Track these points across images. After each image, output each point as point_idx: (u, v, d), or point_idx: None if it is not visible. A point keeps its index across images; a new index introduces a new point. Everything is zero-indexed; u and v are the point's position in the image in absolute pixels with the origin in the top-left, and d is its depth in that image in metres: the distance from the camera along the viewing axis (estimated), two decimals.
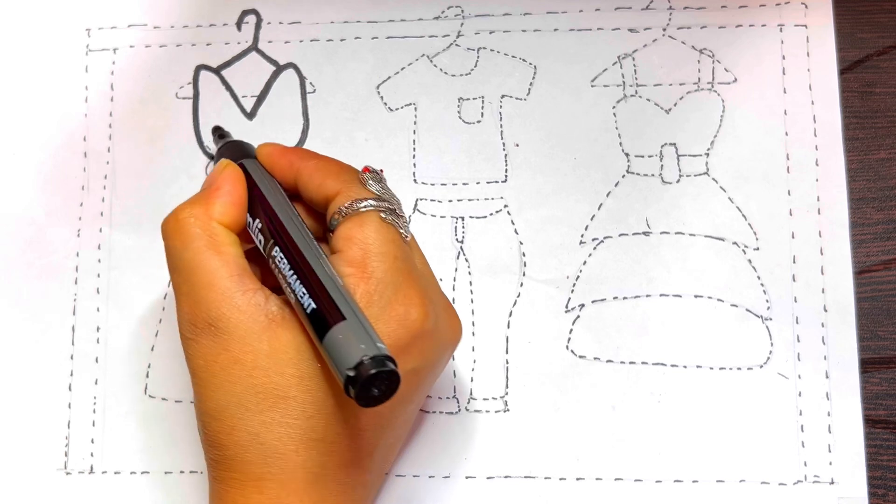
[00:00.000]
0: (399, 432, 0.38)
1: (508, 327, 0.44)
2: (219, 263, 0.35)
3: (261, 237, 0.36)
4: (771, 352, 0.43)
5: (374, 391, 0.31)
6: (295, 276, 0.34)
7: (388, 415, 0.35)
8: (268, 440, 0.33)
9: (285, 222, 0.36)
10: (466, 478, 0.43)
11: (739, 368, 0.43)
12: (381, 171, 0.38)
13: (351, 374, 0.30)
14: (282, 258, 0.35)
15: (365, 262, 0.34)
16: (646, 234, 0.44)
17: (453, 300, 0.44)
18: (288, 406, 0.33)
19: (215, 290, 0.34)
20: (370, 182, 0.37)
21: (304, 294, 0.33)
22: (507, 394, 0.43)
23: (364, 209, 0.35)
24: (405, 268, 0.35)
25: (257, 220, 0.37)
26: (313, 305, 0.33)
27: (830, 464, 0.41)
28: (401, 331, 0.34)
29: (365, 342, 0.31)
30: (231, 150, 0.41)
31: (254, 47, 0.47)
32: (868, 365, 0.43)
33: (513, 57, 0.46)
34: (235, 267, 0.35)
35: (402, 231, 0.36)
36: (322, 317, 0.32)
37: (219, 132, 0.45)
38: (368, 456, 0.35)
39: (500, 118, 0.46)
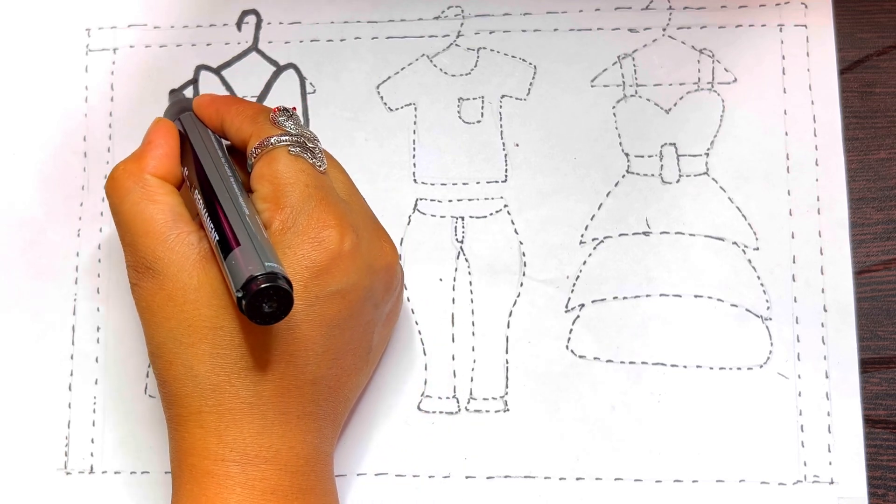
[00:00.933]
0: (344, 364, 0.37)
1: (508, 327, 0.44)
2: (154, 210, 0.37)
3: (189, 184, 0.38)
4: (771, 352, 0.43)
5: (265, 307, 0.32)
6: (206, 213, 0.36)
7: (320, 339, 0.35)
8: (201, 372, 0.35)
9: (205, 165, 0.38)
10: (466, 478, 0.43)
11: (739, 368, 0.43)
12: (293, 108, 0.40)
13: (239, 294, 0.32)
14: (199, 198, 0.37)
15: (276, 195, 0.36)
16: (646, 234, 0.44)
17: (453, 300, 0.44)
18: (217, 336, 0.35)
19: (150, 235, 0.36)
20: (280, 120, 0.38)
21: (211, 228, 0.35)
22: (507, 394, 0.43)
23: (273, 146, 0.37)
24: (317, 194, 0.36)
25: (186, 170, 0.39)
26: (216, 236, 0.35)
27: (830, 464, 0.41)
28: (314, 253, 0.35)
29: (253, 263, 0.32)
30: (174, 107, 0.43)
31: (254, 47, 0.47)
32: (868, 365, 0.43)
33: (513, 57, 0.46)
34: (170, 213, 0.37)
35: (312, 161, 0.37)
36: (224, 245, 0.34)
37: (174, 93, 0.46)
38: (309, 384, 0.36)
39: (500, 118, 0.46)
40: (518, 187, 0.45)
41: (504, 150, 0.45)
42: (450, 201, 0.45)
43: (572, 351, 0.43)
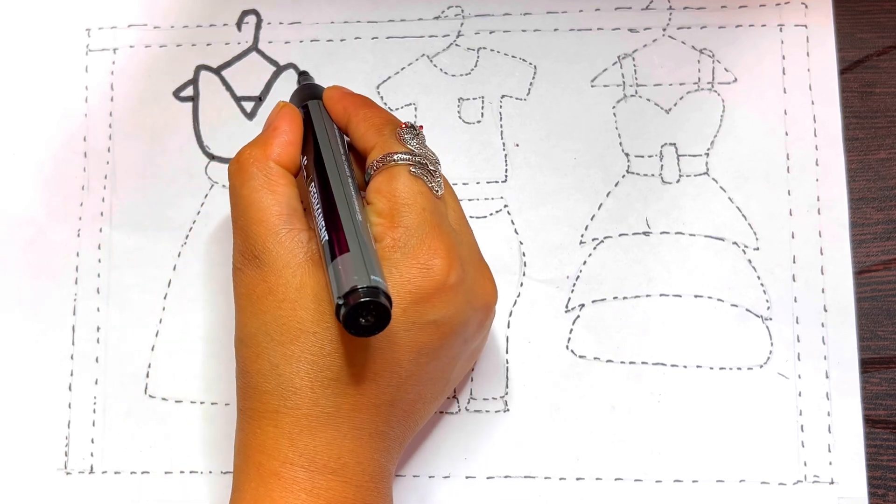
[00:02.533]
0: (423, 391, 0.37)
1: (508, 327, 0.44)
2: (271, 202, 0.36)
3: (305, 174, 0.38)
4: (771, 352, 0.43)
5: (362, 320, 0.31)
6: (320, 210, 0.36)
7: (407, 364, 0.35)
8: (286, 372, 0.34)
9: (326, 161, 0.37)
10: (466, 478, 0.43)
11: (739, 368, 0.43)
12: (421, 127, 0.39)
13: (340, 301, 0.32)
14: (314, 193, 0.37)
15: (392, 213, 0.36)
16: (646, 234, 0.44)
17: None
18: (308, 341, 0.34)
19: (264, 225, 0.36)
20: (406, 137, 0.38)
21: (321, 227, 0.35)
22: (507, 394, 0.43)
23: (393, 163, 0.37)
24: (432, 220, 0.36)
25: (305, 158, 0.38)
26: (326, 237, 0.34)
27: (830, 464, 0.41)
28: (420, 279, 0.35)
29: (359, 273, 0.32)
30: (302, 91, 0.42)
31: (254, 47, 0.47)
32: (868, 365, 0.43)
33: (513, 57, 0.46)
34: (286, 206, 0.37)
35: (431, 185, 0.37)
36: (332, 248, 0.34)
37: (303, 76, 0.46)
38: (386, 405, 0.36)
39: (500, 118, 0.46)
40: (518, 187, 0.45)
41: (504, 150, 0.45)
42: None
43: (572, 351, 0.43)
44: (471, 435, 0.43)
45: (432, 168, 0.37)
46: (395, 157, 0.37)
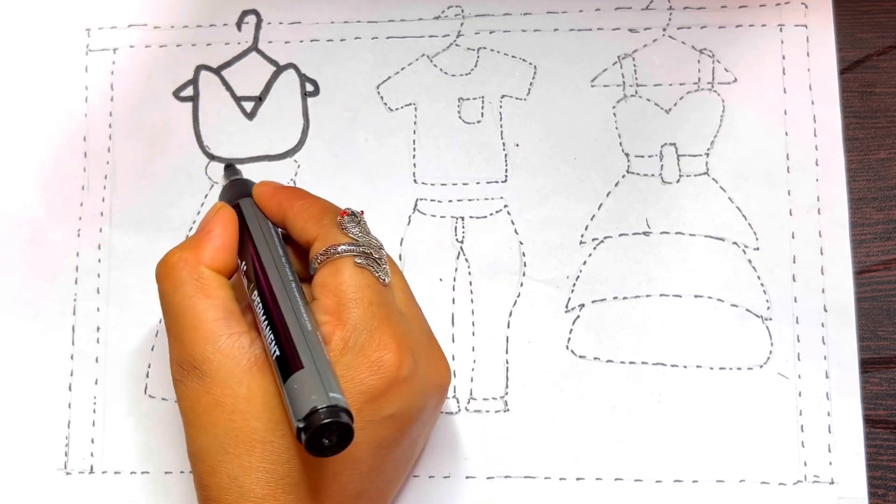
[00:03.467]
0: (387, 477, 0.37)
1: (508, 327, 0.44)
2: (205, 306, 0.35)
3: (245, 280, 0.37)
4: (771, 352, 0.43)
5: (325, 441, 0.31)
6: (266, 322, 0.34)
7: (368, 459, 0.35)
8: (246, 484, 0.34)
9: (266, 266, 0.36)
10: (466, 478, 0.43)
11: (739, 368, 0.43)
12: (362, 212, 0.38)
13: (300, 425, 0.31)
14: (258, 303, 0.35)
15: (339, 310, 0.35)
16: (646, 234, 0.44)
17: (453, 300, 0.44)
18: (265, 451, 0.34)
19: (200, 332, 0.35)
20: (347, 226, 0.37)
21: (271, 341, 0.34)
22: (507, 394, 0.43)
23: (339, 255, 0.36)
24: (380, 313, 0.35)
25: (243, 263, 0.37)
26: (277, 352, 0.33)
27: (830, 464, 0.41)
28: (373, 378, 0.34)
29: (317, 392, 0.31)
30: (232, 189, 0.41)
31: (254, 47, 0.47)
32: (868, 365, 0.43)
33: (513, 57, 0.46)
34: (222, 310, 0.35)
35: (377, 275, 0.36)
36: (284, 364, 0.33)
37: (230, 170, 0.45)
38: (351, 499, 0.35)
39: (500, 118, 0.46)
40: (518, 187, 0.45)
41: (504, 150, 0.45)
42: (450, 201, 0.45)
43: (572, 351, 0.43)
44: (471, 435, 0.43)
45: (377, 256, 0.36)
46: (339, 248, 0.36)
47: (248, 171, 0.46)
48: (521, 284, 0.44)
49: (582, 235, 0.44)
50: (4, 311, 0.45)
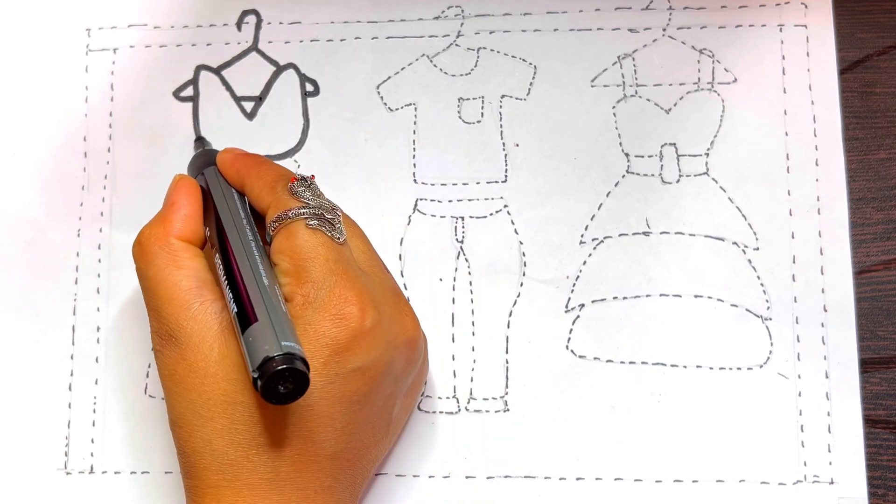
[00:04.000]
0: (363, 436, 0.37)
1: (508, 327, 0.44)
2: (178, 277, 0.36)
3: (210, 245, 0.38)
4: (771, 352, 0.43)
5: (281, 388, 0.31)
6: (226, 282, 0.35)
7: (340, 416, 0.35)
8: (219, 446, 0.34)
9: (227, 229, 0.37)
10: (466, 478, 0.43)
11: (739, 368, 0.43)
12: (312, 176, 0.39)
13: (255, 374, 0.31)
14: (220, 265, 0.36)
15: (297, 271, 0.35)
16: (646, 234, 0.44)
17: (453, 300, 0.44)
18: (235, 412, 0.34)
19: (174, 302, 0.36)
20: (298, 190, 0.38)
21: (230, 299, 0.35)
22: (507, 394, 0.43)
23: (290, 219, 0.37)
24: (338, 268, 0.36)
25: (208, 230, 0.38)
26: (235, 308, 0.34)
27: (830, 464, 0.41)
28: (335, 330, 0.34)
29: (269, 342, 0.32)
30: (199, 159, 0.42)
31: (254, 47, 0.47)
32: (868, 365, 0.43)
33: (513, 57, 0.46)
34: (194, 280, 0.37)
35: (331, 234, 0.37)
36: (243, 319, 0.34)
37: (199, 142, 0.45)
38: (328, 459, 0.35)
39: (500, 118, 0.46)
40: (518, 187, 0.45)
41: (504, 150, 0.45)
42: (450, 201, 0.45)
43: (572, 351, 0.43)
44: (471, 435, 0.43)
45: (330, 217, 0.37)
46: (291, 213, 0.37)
47: None
48: (521, 284, 0.44)
49: (582, 235, 0.44)
50: (4, 311, 0.45)
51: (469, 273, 0.44)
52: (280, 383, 0.31)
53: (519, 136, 0.45)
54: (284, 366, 0.31)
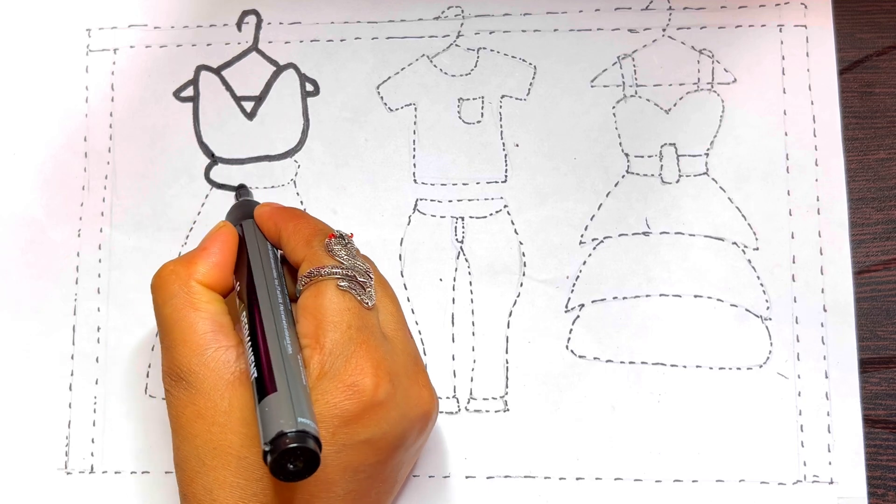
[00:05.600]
0: (368, 500, 0.36)
1: (508, 327, 0.44)
2: (195, 319, 0.36)
3: (238, 300, 0.37)
4: (770, 352, 0.43)
5: (290, 466, 0.31)
6: (249, 344, 0.35)
7: (343, 483, 0.34)
8: (219, 497, 0.34)
9: (258, 287, 0.37)
10: (466, 478, 0.43)
11: (739, 368, 0.43)
12: (350, 235, 0.38)
13: (267, 447, 0.31)
14: (245, 324, 0.36)
15: (318, 333, 0.35)
16: (646, 234, 0.44)
17: (453, 300, 0.44)
18: (239, 466, 0.34)
19: (188, 345, 0.36)
20: (334, 248, 0.37)
21: (252, 363, 0.34)
22: (507, 394, 0.43)
23: (322, 278, 0.36)
24: (359, 337, 0.35)
25: (237, 283, 0.38)
26: (255, 374, 0.34)
27: (830, 464, 0.42)
28: (347, 402, 0.34)
29: (286, 416, 0.31)
30: (239, 209, 0.42)
31: (254, 47, 0.47)
32: (867, 365, 0.43)
33: (513, 57, 0.46)
34: (211, 323, 0.36)
35: (360, 298, 0.36)
36: (261, 386, 0.33)
37: (241, 191, 0.45)
38: None
39: (500, 118, 0.46)
40: (518, 187, 0.45)
41: (504, 150, 0.45)
42: (450, 201, 0.45)
43: (572, 351, 0.43)
44: (471, 435, 0.43)
45: (362, 280, 0.36)
46: (323, 270, 0.36)
47: (248, 171, 0.46)
48: (521, 284, 0.44)
49: (582, 235, 0.44)
50: (4, 311, 0.45)
51: (469, 273, 0.44)
52: (290, 461, 0.31)
53: (519, 136, 0.45)
54: (297, 444, 0.30)
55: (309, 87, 0.47)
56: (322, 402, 0.33)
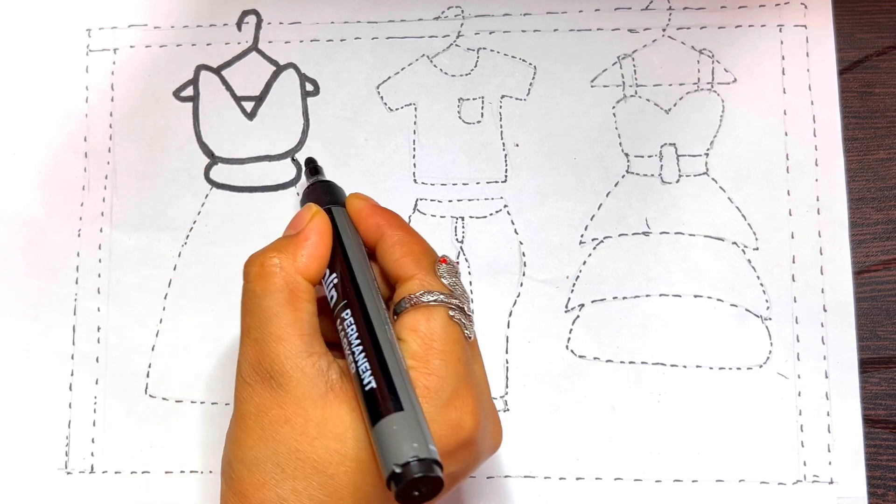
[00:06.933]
0: None
1: (508, 327, 0.44)
2: (293, 319, 0.34)
3: (333, 293, 0.36)
4: (770, 352, 0.43)
5: (416, 493, 0.30)
6: (361, 348, 0.33)
7: None
8: None
9: (361, 286, 0.35)
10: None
11: (739, 368, 0.43)
12: (458, 263, 0.38)
13: (398, 470, 0.30)
14: (350, 323, 0.34)
15: (427, 358, 0.34)
16: (645, 234, 0.44)
17: None
18: (323, 482, 0.33)
19: (284, 344, 0.34)
20: (444, 275, 0.36)
21: (366, 370, 0.33)
22: (507, 394, 0.43)
23: (433, 303, 0.35)
24: (465, 371, 0.34)
25: (333, 275, 0.36)
26: (373, 385, 0.32)
27: (830, 464, 0.42)
28: (451, 437, 0.33)
29: (418, 441, 0.30)
30: (321, 191, 0.40)
31: (254, 47, 0.47)
32: (867, 365, 0.43)
33: (513, 57, 0.46)
34: (308, 326, 0.35)
35: (466, 332, 0.35)
36: (379, 400, 0.32)
37: (312, 165, 0.43)
38: None
39: (500, 118, 0.46)
40: (518, 187, 0.45)
41: (504, 150, 0.45)
42: (450, 201, 0.45)
43: (572, 351, 0.43)
44: None
45: (468, 312, 0.36)
46: (436, 296, 0.35)
47: (248, 171, 0.46)
48: (521, 284, 0.44)
49: (582, 235, 0.44)
50: (4, 311, 0.45)
51: (469, 273, 0.44)
52: (418, 488, 0.30)
53: (519, 136, 0.45)
54: (429, 474, 0.30)
55: (309, 87, 0.47)
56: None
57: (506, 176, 0.45)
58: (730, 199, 0.44)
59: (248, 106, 0.47)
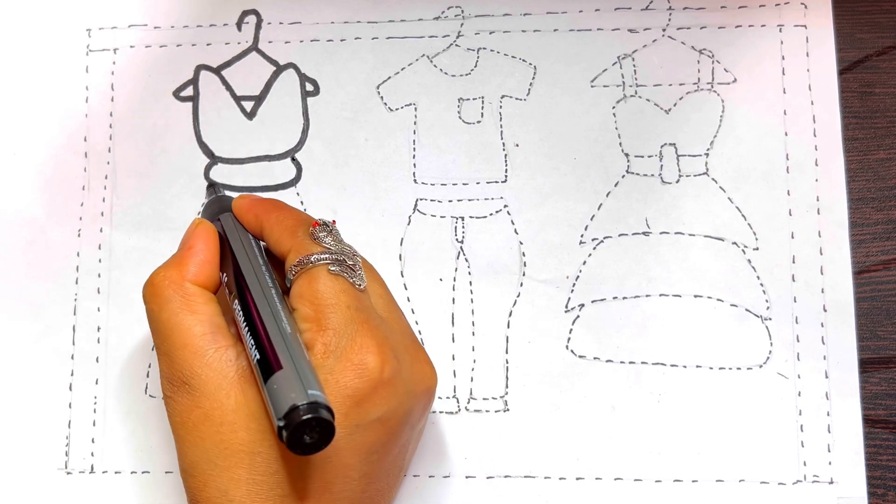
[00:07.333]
0: (379, 485, 0.36)
1: (508, 327, 0.44)
2: (192, 322, 0.36)
3: (227, 291, 0.37)
4: (770, 352, 0.43)
5: (306, 438, 0.31)
6: (247, 328, 0.35)
7: (358, 466, 0.34)
8: (236, 497, 0.34)
9: (246, 274, 0.37)
10: (466, 478, 0.43)
11: (739, 368, 0.43)
12: (333, 222, 0.39)
13: (281, 423, 0.31)
14: (239, 311, 0.36)
15: (318, 317, 0.35)
16: (645, 234, 0.44)
17: (453, 300, 0.44)
18: (254, 462, 0.34)
19: (188, 348, 0.35)
20: (320, 235, 0.37)
21: (252, 346, 0.34)
22: (507, 394, 0.43)
23: (312, 264, 0.36)
24: (359, 316, 0.35)
25: (225, 275, 0.38)
26: (257, 356, 0.34)
27: (830, 463, 0.42)
28: (357, 380, 0.34)
29: (296, 390, 0.31)
30: (213, 205, 0.42)
31: (254, 47, 0.47)
32: (867, 365, 0.43)
33: (513, 57, 0.46)
34: (209, 325, 0.36)
35: (352, 281, 0.36)
36: (265, 366, 0.33)
37: (212, 187, 0.45)
38: None
39: (500, 118, 0.46)
40: (518, 187, 0.45)
41: (504, 150, 0.45)
42: (450, 201, 0.45)
43: (572, 351, 0.43)
44: (471, 435, 0.43)
45: (351, 263, 0.37)
46: (312, 258, 0.36)
47: (248, 171, 0.46)
48: (521, 284, 0.44)
49: (582, 235, 0.44)
50: (4, 311, 0.45)
51: (469, 273, 0.44)
52: (306, 433, 0.31)
53: (519, 136, 0.45)
54: (311, 415, 0.30)
55: (309, 87, 0.47)
56: (332, 383, 0.34)
57: (506, 176, 0.45)
58: (730, 199, 0.44)
59: (248, 106, 0.47)
